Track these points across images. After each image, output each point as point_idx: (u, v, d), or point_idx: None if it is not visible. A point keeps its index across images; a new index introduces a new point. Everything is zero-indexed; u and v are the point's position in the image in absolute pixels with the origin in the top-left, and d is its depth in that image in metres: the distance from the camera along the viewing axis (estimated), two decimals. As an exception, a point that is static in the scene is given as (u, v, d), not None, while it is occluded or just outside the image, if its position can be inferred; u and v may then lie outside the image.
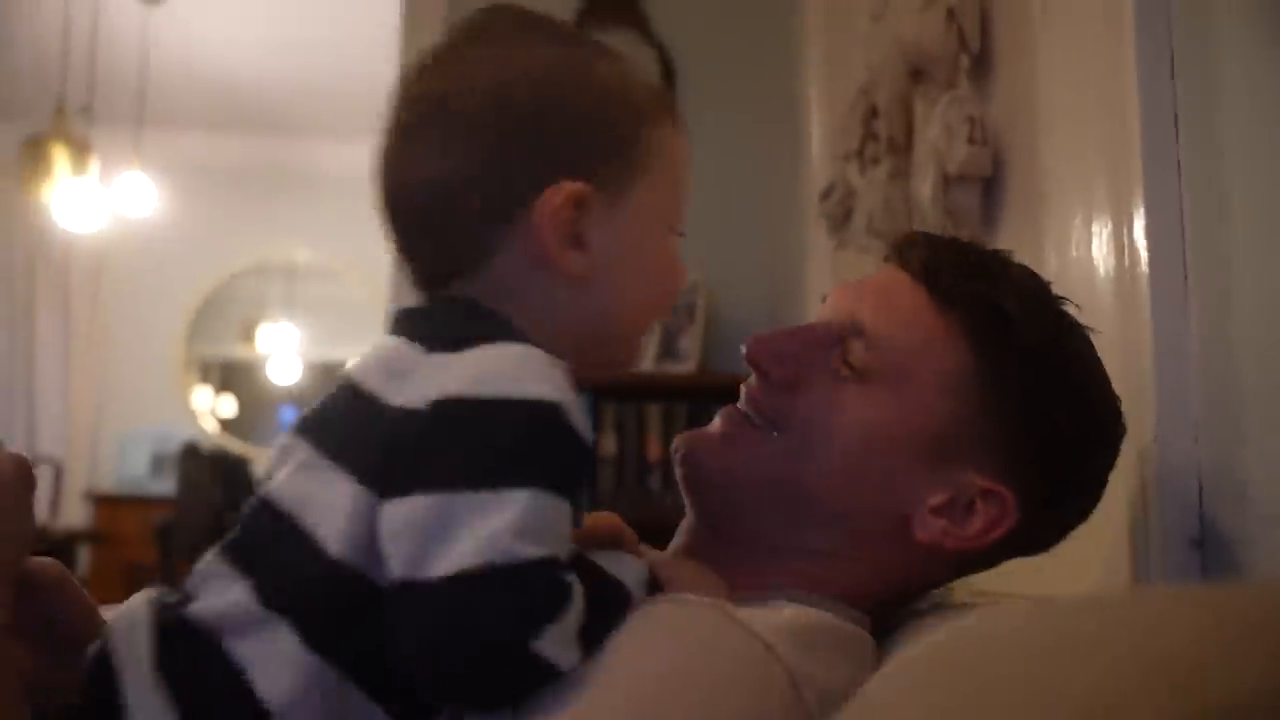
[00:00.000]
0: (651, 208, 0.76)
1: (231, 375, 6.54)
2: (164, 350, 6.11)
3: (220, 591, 0.66)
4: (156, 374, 6.08)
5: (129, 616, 0.66)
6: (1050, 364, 0.80)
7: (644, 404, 2.50)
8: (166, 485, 5.30)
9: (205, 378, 6.32)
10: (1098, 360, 0.85)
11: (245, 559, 0.67)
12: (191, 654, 0.64)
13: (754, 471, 0.81)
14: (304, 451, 0.69)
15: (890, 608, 0.81)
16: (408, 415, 0.65)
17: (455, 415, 0.65)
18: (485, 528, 0.59)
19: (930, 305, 0.80)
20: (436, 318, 0.74)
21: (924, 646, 0.65)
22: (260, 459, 5.22)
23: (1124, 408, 0.87)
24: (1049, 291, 0.85)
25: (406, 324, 0.73)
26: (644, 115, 0.75)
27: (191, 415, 6.15)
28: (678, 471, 0.86)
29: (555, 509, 0.63)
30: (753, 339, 0.84)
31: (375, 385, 0.69)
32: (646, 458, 2.50)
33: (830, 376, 0.81)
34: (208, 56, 5.12)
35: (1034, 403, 0.78)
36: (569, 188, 0.70)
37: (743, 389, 0.86)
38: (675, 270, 0.80)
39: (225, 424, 6.46)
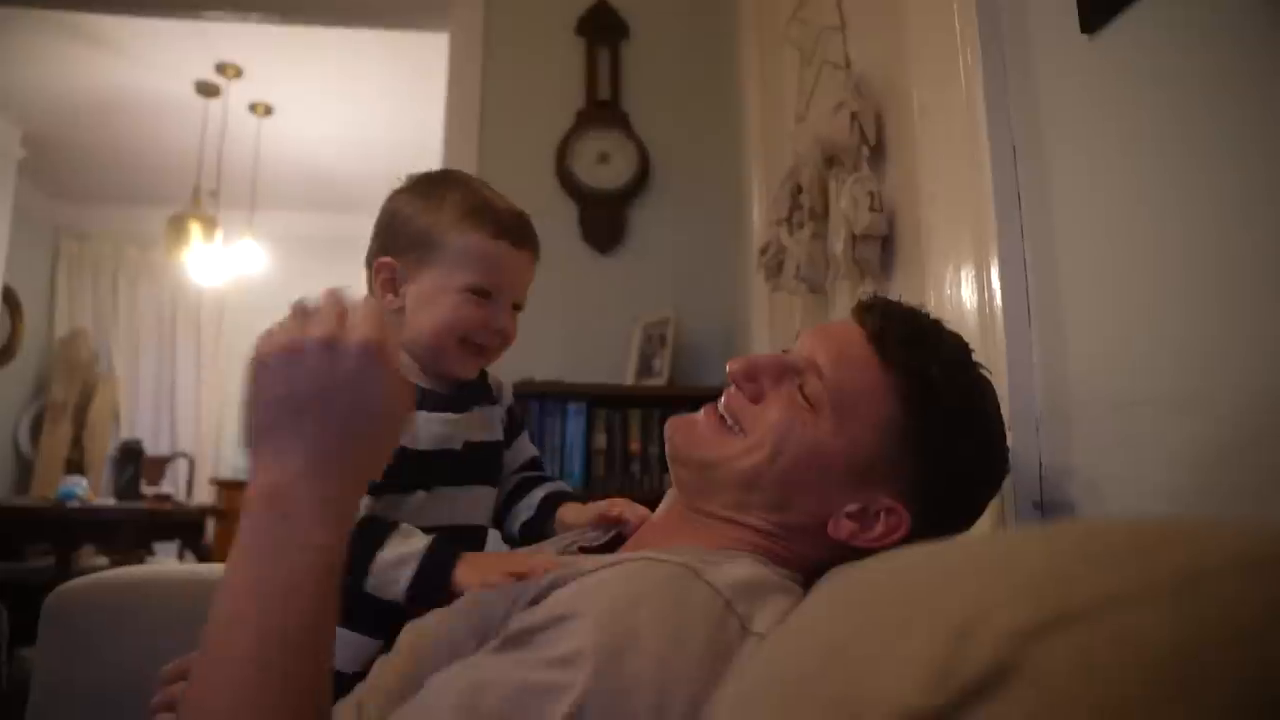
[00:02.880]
0: (444, 278, 0.93)
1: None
2: (271, 372, 6.08)
3: None
4: (266, 390, 6.05)
5: None
6: (958, 424, 0.78)
7: (628, 410, 2.50)
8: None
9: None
10: (997, 413, 0.84)
11: None
12: None
13: (718, 458, 0.80)
14: None
15: (815, 576, 0.79)
16: None
17: None
18: None
19: (875, 363, 0.78)
20: None
21: (830, 577, 0.68)
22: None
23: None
24: (969, 358, 0.83)
25: None
26: (448, 229, 0.93)
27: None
28: (668, 446, 0.85)
29: None
30: (736, 360, 0.83)
31: None
32: (629, 451, 2.50)
33: (788, 399, 0.79)
34: (304, 154, 5.13)
35: (941, 451, 0.77)
36: (380, 260, 0.96)
37: (724, 395, 0.85)
38: (460, 315, 0.94)
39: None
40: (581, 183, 2.78)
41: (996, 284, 1.12)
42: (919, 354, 0.79)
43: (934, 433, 0.77)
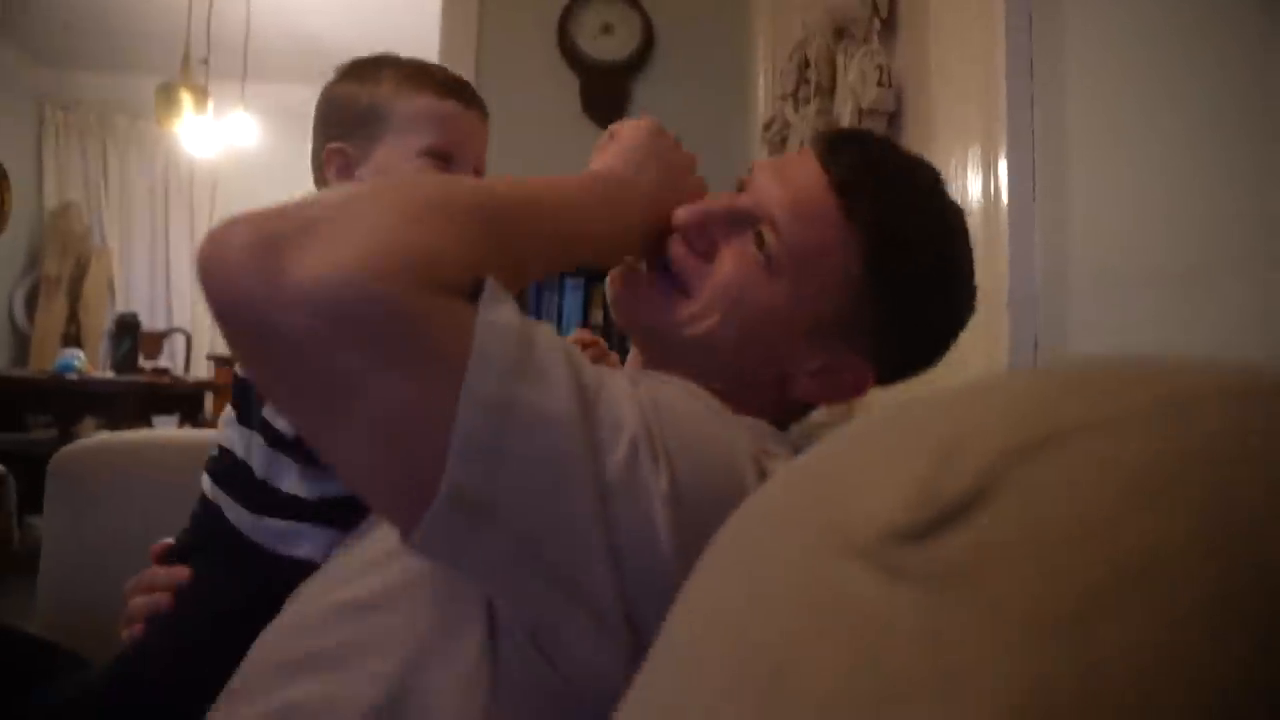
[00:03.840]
0: (399, 147, 0.89)
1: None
2: (266, 249, 6.07)
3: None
4: (261, 267, 6.05)
5: None
6: (929, 282, 0.74)
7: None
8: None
9: (297, 270, 6.27)
10: (968, 256, 0.77)
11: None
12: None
13: (663, 324, 0.75)
14: None
15: (781, 425, 0.78)
16: None
17: None
18: None
19: (839, 216, 0.71)
20: None
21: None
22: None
23: (987, 283, 0.83)
24: (943, 200, 0.77)
25: None
26: (392, 97, 0.90)
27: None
28: (610, 308, 0.80)
29: None
30: (687, 209, 0.75)
31: None
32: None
33: (740, 253, 0.73)
34: (296, 22, 4.98)
35: (905, 308, 0.73)
36: (329, 148, 0.93)
37: (671, 245, 0.76)
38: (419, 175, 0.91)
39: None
40: (584, 54, 2.71)
41: (1003, 163, 1.11)
42: (890, 209, 0.72)
43: (902, 292, 0.73)
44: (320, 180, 0.94)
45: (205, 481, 0.83)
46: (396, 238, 0.49)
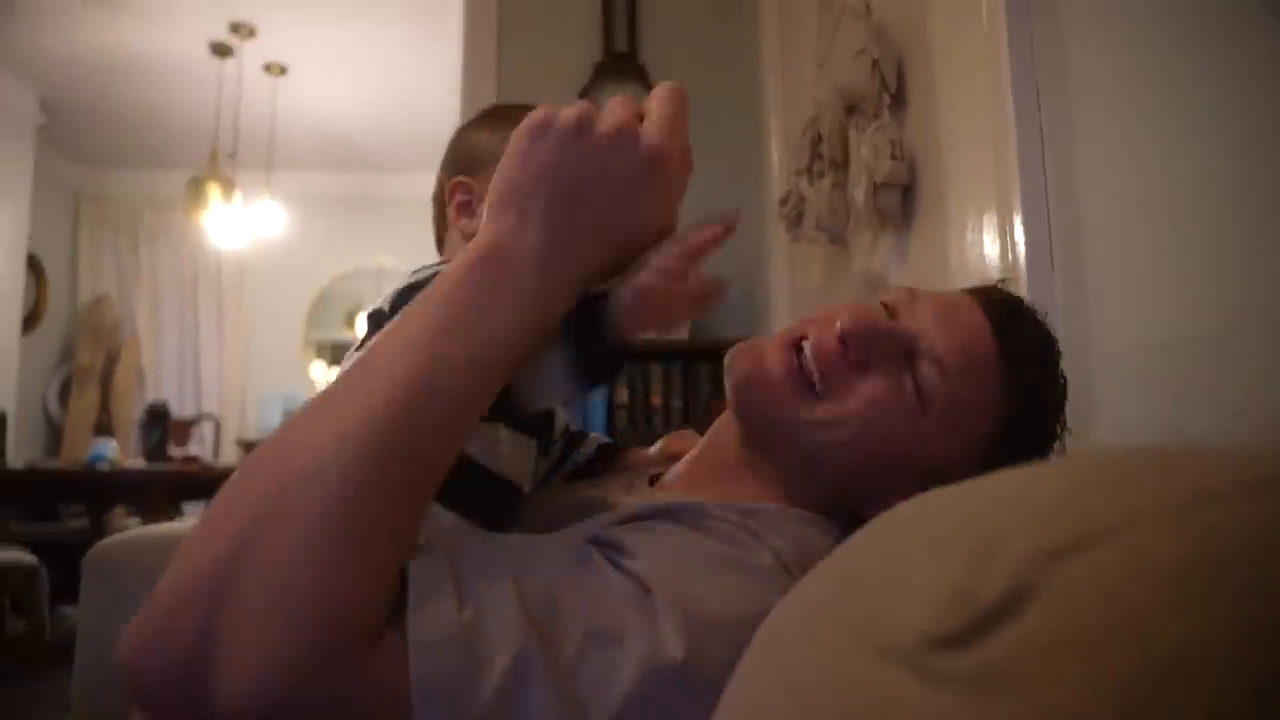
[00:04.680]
0: None
1: (338, 351, 6.56)
2: (290, 333, 6.14)
3: None
4: (284, 350, 6.11)
5: None
6: (1040, 448, 0.71)
7: (649, 363, 2.53)
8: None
9: (319, 353, 6.31)
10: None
11: None
12: None
13: (786, 418, 0.69)
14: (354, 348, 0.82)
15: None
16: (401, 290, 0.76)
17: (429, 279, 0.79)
18: None
19: (999, 381, 0.68)
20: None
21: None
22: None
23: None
24: (1062, 375, 0.73)
25: None
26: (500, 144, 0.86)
27: (310, 381, 6.16)
28: (728, 383, 0.72)
29: None
30: (855, 316, 0.68)
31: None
32: (651, 405, 2.53)
33: (896, 382, 0.68)
34: (319, 114, 5.12)
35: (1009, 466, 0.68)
36: (454, 181, 0.91)
37: (814, 336, 0.70)
38: None
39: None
40: (599, 136, 2.77)
41: (1019, 229, 1.12)
42: (1043, 389, 0.70)
43: (1017, 457, 0.66)
44: (439, 216, 0.95)
45: None
46: (306, 611, 0.45)
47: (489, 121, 0.96)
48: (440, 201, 0.94)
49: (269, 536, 0.46)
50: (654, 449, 0.97)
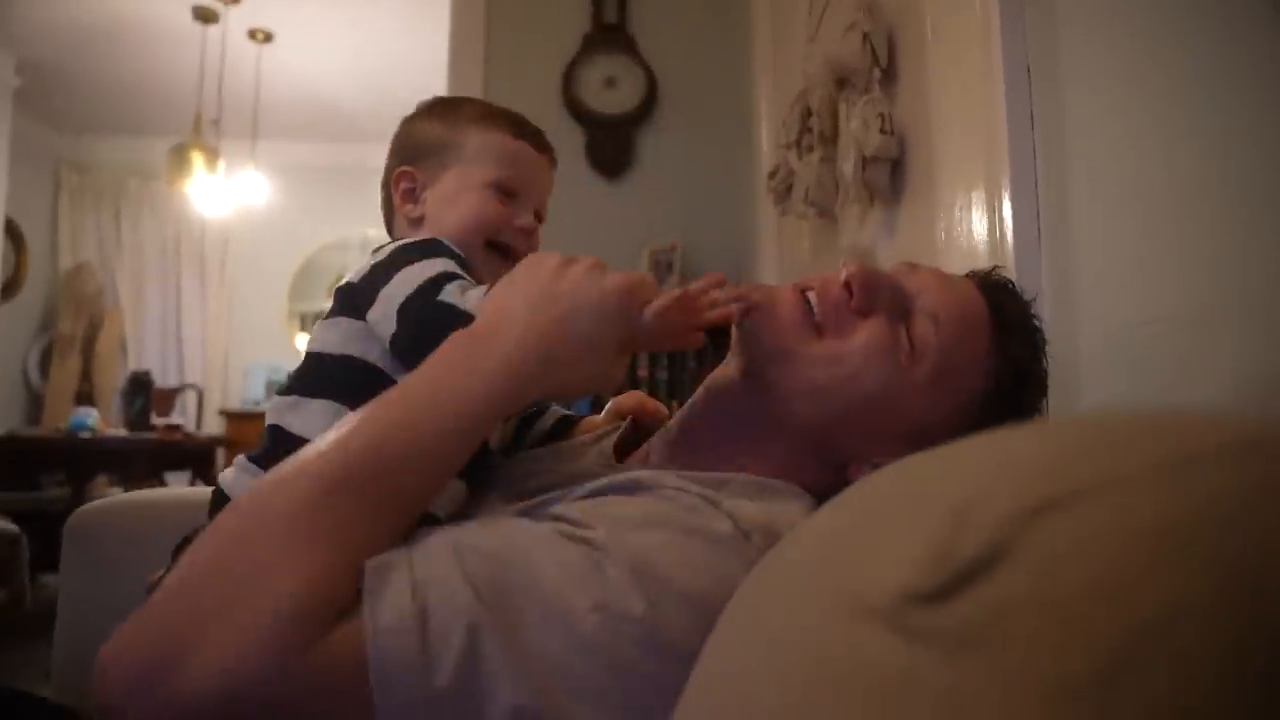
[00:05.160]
0: (466, 176, 0.91)
1: (322, 322, 6.56)
2: (274, 304, 6.10)
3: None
4: (268, 321, 6.08)
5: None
6: (1025, 419, 0.74)
7: (636, 337, 2.53)
8: (279, 403, 5.32)
9: (303, 324, 6.28)
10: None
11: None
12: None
13: (798, 355, 0.71)
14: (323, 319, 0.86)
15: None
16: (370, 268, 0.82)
17: (394, 257, 0.81)
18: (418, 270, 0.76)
19: (990, 346, 0.72)
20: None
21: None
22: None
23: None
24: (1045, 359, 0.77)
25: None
26: (468, 128, 0.92)
27: (294, 351, 6.13)
28: (738, 311, 0.73)
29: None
30: (864, 270, 0.72)
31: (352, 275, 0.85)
32: (636, 377, 2.52)
33: (892, 330, 0.70)
34: (304, 82, 5.07)
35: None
36: (399, 170, 0.94)
37: (819, 284, 0.74)
38: (484, 212, 0.90)
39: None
40: (588, 108, 2.75)
41: (1007, 208, 1.12)
42: (1029, 347, 0.74)
43: (1003, 423, 0.68)
44: (387, 203, 0.98)
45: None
46: (266, 604, 0.49)
47: (435, 108, 0.98)
48: (388, 188, 0.98)
49: (236, 548, 0.53)
50: (603, 412, 0.99)
